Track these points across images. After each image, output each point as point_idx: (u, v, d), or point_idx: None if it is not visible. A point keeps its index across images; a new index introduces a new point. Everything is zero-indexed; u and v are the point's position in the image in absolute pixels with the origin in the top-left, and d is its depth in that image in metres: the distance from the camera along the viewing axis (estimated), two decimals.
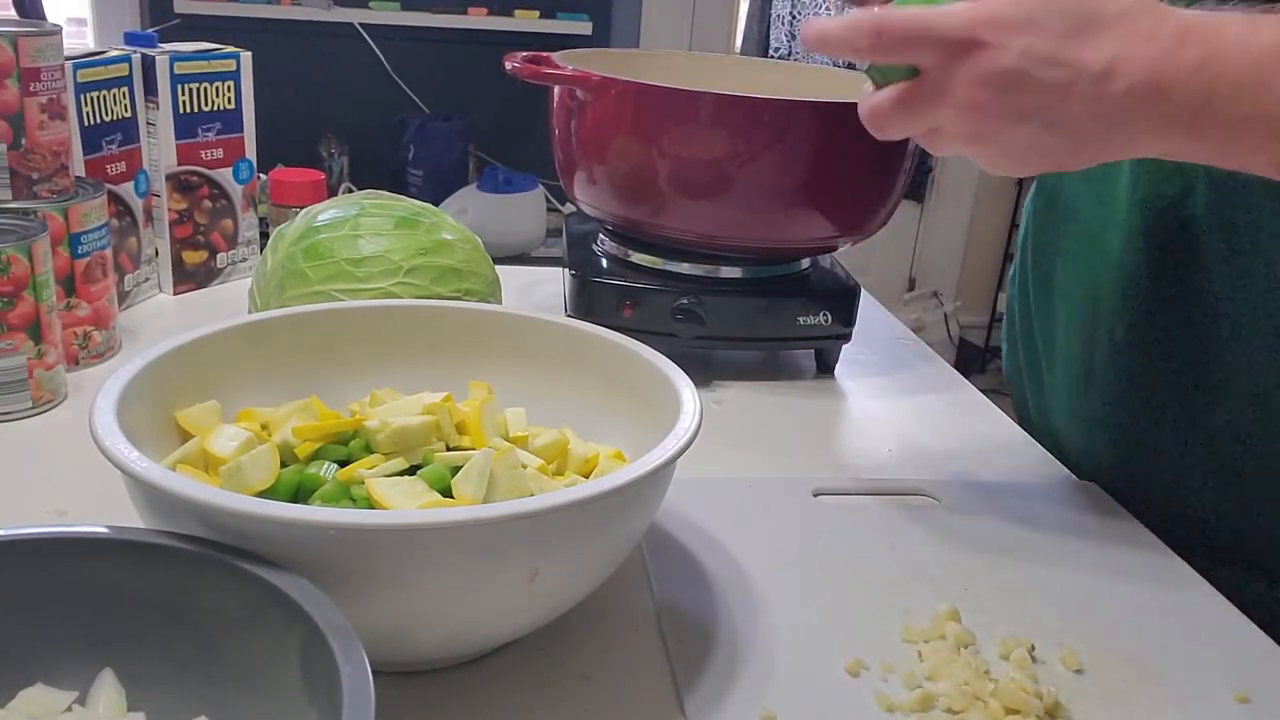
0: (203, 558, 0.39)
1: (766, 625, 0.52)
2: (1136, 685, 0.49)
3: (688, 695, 0.47)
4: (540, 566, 0.42)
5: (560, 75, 0.77)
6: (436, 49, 2.66)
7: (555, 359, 0.59)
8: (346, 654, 0.34)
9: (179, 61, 0.87)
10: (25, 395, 0.68)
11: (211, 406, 0.53)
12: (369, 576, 0.40)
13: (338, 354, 0.59)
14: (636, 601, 0.54)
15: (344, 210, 0.72)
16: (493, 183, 2.40)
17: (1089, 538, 0.62)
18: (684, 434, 0.46)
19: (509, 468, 0.47)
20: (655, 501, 0.48)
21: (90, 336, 0.76)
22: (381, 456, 0.50)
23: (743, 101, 0.74)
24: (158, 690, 0.39)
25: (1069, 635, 0.52)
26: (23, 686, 0.39)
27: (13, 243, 0.65)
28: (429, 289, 0.69)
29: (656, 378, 0.54)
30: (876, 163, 0.79)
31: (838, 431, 0.78)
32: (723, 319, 0.80)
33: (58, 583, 0.39)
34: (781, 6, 3.02)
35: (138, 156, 0.88)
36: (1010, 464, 0.73)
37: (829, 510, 0.64)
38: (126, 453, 0.41)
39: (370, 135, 2.64)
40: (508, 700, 0.46)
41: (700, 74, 0.96)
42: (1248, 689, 0.49)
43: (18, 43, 0.70)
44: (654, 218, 0.78)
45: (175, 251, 0.92)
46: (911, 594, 0.55)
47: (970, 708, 0.46)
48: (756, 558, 0.58)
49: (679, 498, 0.62)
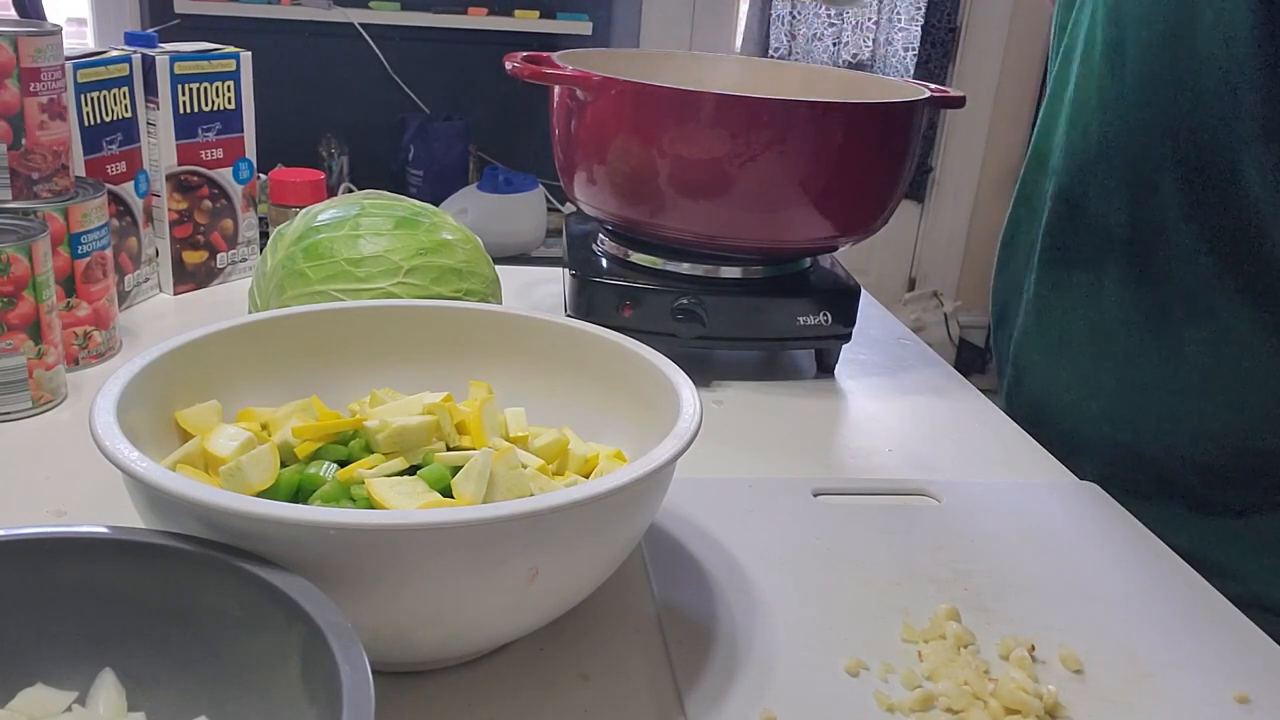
0: (203, 558, 0.39)
1: (766, 625, 0.52)
2: (1136, 685, 0.49)
3: (688, 695, 0.47)
4: (540, 566, 0.42)
5: (560, 75, 0.77)
6: (436, 49, 2.66)
7: (555, 359, 0.59)
8: (346, 654, 0.34)
9: (179, 61, 0.87)
10: (25, 395, 0.68)
11: (211, 406, 0.53)
12: (369, 576, 0.40)
13: (338, 354, 0.59)
14: (636, 601, 0.54)
15: (344, 210, 0.72)
16: (493, 183, 2.40)
17: (1089, 538, 0.62)
18: (684, 434, 0.46)
19: (509, 468, 0.47)
20: (655, 502, 0.48)
21: (90, 336, 0.76)
22: (381, 456, 0.50)
23: (743, 101, 0.74)
24: (158, 690, 0.39)
25: (1069, 635, 0.52)
26: (23, 686, 0.39)
27: (13, 243, 0.65)
28: (429, 289, 0.69)
29: (656, 378, 0.54)
30: (876, 163, 0.79)
31: (838, 431, 0.78)
32: (723, 319, 0.80)
33: (58, 583, 0.39)
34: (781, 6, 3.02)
35: (138, 156, 0.88)
36: (1010, 464, 0.73)
37: (829, 510, 0.64)
38: (126, 453, 0.41)
39: (370, 135, 2.64)
40: (508, 700, 0.46)
41: (700, 74, 0.96)
42: (1248, 689, 0.49)
43: (18, 43, 0.70)
44: (654, 218, 0.78)
45: (175, 251, 0.92)
46: (911, 594, 0.55)
47: (970, 708, 0.46)
48: (756, 558, 0.58)
49: (679, 498, 0.62)
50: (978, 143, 3.10)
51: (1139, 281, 0.78)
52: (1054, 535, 0.62)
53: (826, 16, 3.07)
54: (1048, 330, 0.87)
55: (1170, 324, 0.77)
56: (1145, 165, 0.76)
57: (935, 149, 3.14)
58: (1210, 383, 0.75)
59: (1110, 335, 0.81)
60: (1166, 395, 0.78)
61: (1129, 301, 0.79)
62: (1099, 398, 0.82)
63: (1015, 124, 3.04)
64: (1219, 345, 0.75)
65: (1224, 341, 0.74)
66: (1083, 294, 0.83)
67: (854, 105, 0.77)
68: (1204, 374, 0.75)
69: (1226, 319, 0.74)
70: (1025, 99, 3.02)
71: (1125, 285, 0.79)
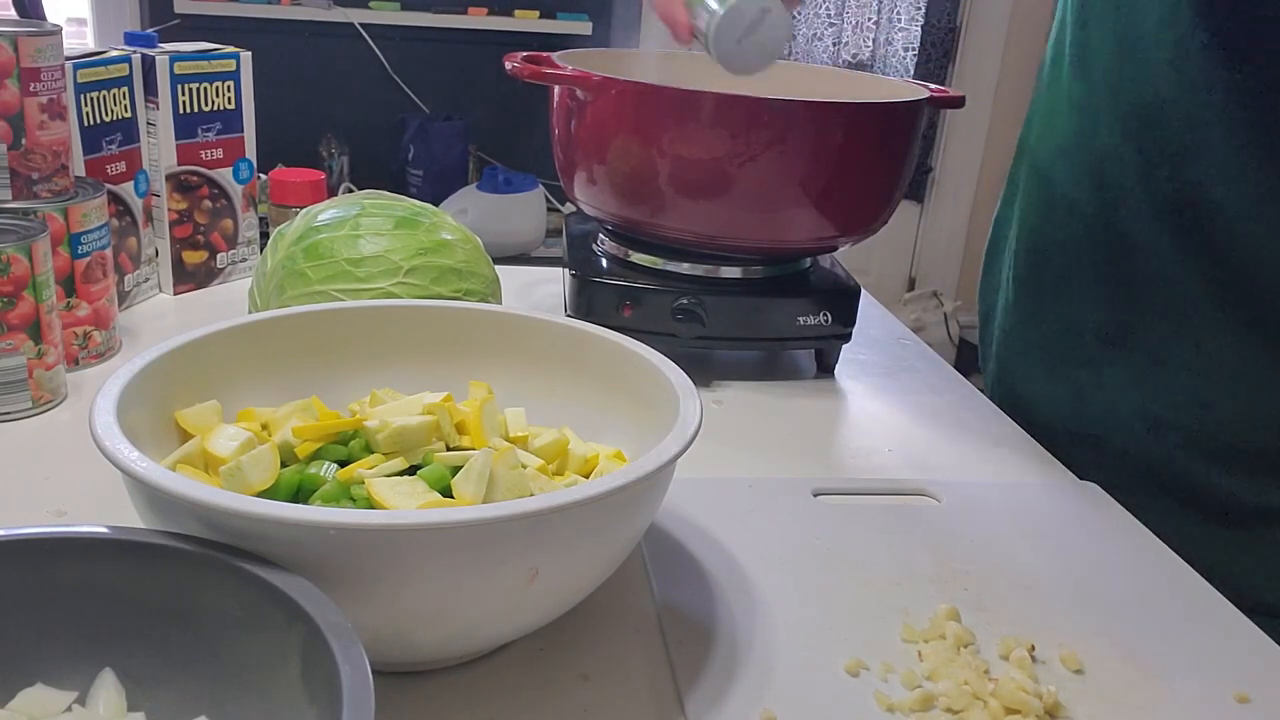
0: (203, 558, 0.39)
1: (766, 625, 0.52)
2: (1136, 685, 0.49)
3: (688, 695, 0.47)
4: (540, 566, 0.42)
5: (560, 75, 0.77)
6: (436, 49, 2.67)
7: (555, 359, 0.59)
8: (346, 654, 0.34)
9: (179, 61, 0.87)
10: (25, 395, 0.68)
11: (211, 406, 0.53)
12: (369, 576, 0.40)
13: (338, 354, 0.59)
14: (636, 601, 0.54)
15: (344, 210, 0.72)
16: (493, 183, 2.40)
17: (1089, 538, 0.62)
18: (684, 434, 0.46)
19: (509, 468, 0.47)
20: (655, 502, 0.48)
21: (90, 336, 0.76)
22: (381, 456, 0.50)
23: (743, 101, 0.74)
24: (158, 690, 0.39)
25: (1069, 635, 0.52)
26: (23, 686, 0.39)
27: (13, 243, 0.65)
28: (429, 289, 0.69)
29: (656, 378, 0.54)
30: (876, 163, 0.79)
31: (838, 431, 0.78)
32: (723, 319, 0.80)
33: (58, 583, 0.39)
34: None
35: (138, 156, 0.88)
36: (1010, 464, 0.73)
37: (829, 510, 0.64)
38: (126, 453, 0.41)
39: (370, 135, 2.64)
40: (508, 700, 0.46)
41: (700, 74, 0.96)
42: (1248, 689, 0.49)
43: (18, 43, 0.70)
44: (654, 218, 0.78)
45: (175, 251, 0.92)
46: (911, 594, 0.55)
47: (970, 707, 0.46)
48: (756, 558, 0.58)
49: (679, 498, 0.62)
50: (978, 143, 3.10)
51: (1107, 281, 0.78)
52: (1054, 535, 0.62)
53: (826, 16, 3.07)
54: (1025, 329, 0.87)
55: (1139, 326, 0.77)
56: (1114, 169, 0.76)
57: (935, 149, 3.15)
58: (1175, 381, 0.75)
59: (1080, 335, 0.81)
60: (1133, 394, 0.78)
61: (1100, 302, 0.79)
62: (1073, 398, 0.82)
63: (1015, 124, 3.01)
64: (1188, 347, 0.74)
65: (1193, 344, 0.74)
66: (1053, 294, 0.83)
67: (854, 105, 0.77)
68: (1168, 374, 0.76)
69: (1196, 322, 0.74)
70: (1025, 99, 3.01)
71: (1095, 285, 0.79)
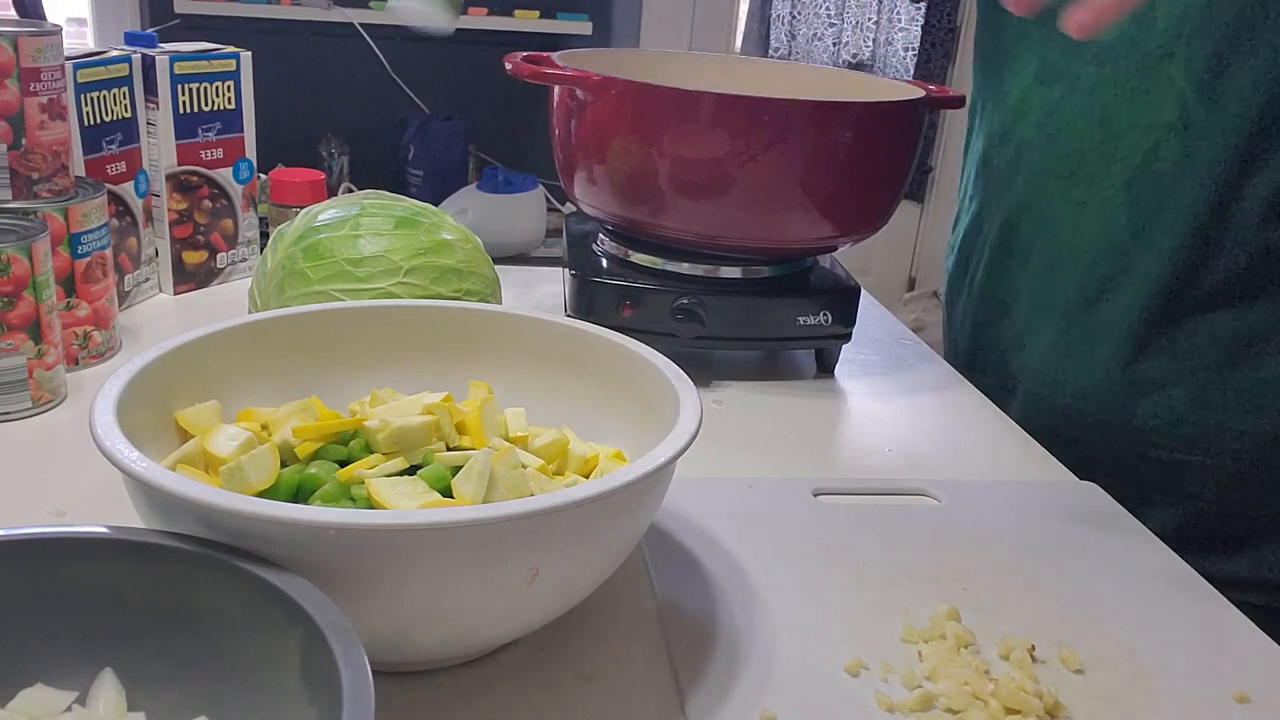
0: (203, 558, 0.39)
1: (766, 625, 0.52)
2: (1136, 685, 0.49)
3: (688, 695, 0.47)
4: (540, 566, 0.42)
5: (560, 75, 0.77)
6: (436, 49, 2.66)
7: (555, 359, 0.59)
8: (346, 654, 0.34)
9: (179, 61, 0.87)
10: (25, 395, 0.68)
11: (211, 406, 0.53)
12: (369, 576, 0.40)
13: (338, 354, 0.59)
14: (636, 601, 0.54)
15: (344, 210, 0.72)
16: (493, 183, 2.39)
17: (1089, 538, 0.62)
18: (684, 434, 0.46)
19: (509, 468, 0.47)
20: (655, 501, 0.48)
21: (90, 336, 0.76)
22: (381, 456, 0.50)
23: (743, 101, 0.74)
24: (158, 690, 0.39)
25: (1069, 635, 0.52)
26: (23, 686, 0.39)
27: (13, 243, 0.65)
28: (429, 289, 0.69)
29: (656, 378, 0.54)
30: (876, 163, 0.79)
31: (838, 431, 0.78)
32: (723, 319, 0.80)
33: (58, 583, 0.39)
34: (781, 6, 3.02)
35: (138, 156, 0.88)
36: (1010, 464, 0.73)
37: (829, 510, 0.64)
38: (126, 453, 0.41)
39: (370, 135, 2.64)
40: (508, 700, 0.46)
41: (700, 74, 0.96)
42: (1248, 689, 0.49)
43: (18, 43, 0.70)
44: (654, 218, 0.78)
45: (175, 251, 0.92)
46: (911, 594, 0.55)
47: (970, 708, 0.46)
48: (756, 558, 0.58)
49: (679, 498, 0.62)
50: None
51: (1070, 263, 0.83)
52: (1054, 535, 0.62)
53: (826, 16, 3.07)
54: (994, 292, 0.91)
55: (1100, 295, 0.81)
56: (1089, 161, 0.79)
57: (935, 149, 3.14)
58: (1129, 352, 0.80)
59: (1051, 296, 0.85)
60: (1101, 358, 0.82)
61: (1067, 277, 0.83)
62: (1034, 351, 0.87)
63: None
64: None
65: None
66: (1023, 270, 0.87)
67: (854, 105, 0.77)
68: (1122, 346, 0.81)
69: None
70: None
71: (1059, 269, 0.84)
